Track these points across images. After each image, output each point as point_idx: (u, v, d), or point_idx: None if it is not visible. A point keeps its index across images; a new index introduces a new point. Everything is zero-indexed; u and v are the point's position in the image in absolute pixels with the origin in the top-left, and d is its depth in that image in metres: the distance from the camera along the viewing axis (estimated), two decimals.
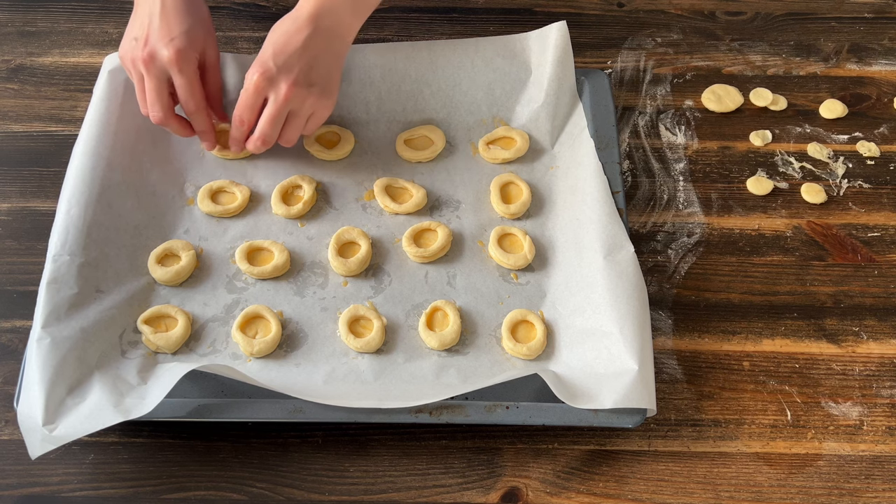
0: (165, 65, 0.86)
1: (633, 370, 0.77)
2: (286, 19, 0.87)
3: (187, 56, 0.86)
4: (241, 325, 0.84)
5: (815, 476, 0.79)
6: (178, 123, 0.90)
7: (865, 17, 1.15)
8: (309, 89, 0.87)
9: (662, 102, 1.06)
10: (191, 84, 0.87)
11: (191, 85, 0.87)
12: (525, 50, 0.99)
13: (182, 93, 0.87)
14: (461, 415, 0.77)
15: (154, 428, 0.80)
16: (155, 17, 0.86)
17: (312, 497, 0.77)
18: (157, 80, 0.87)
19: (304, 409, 0.77)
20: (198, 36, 0.88)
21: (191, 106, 0.88)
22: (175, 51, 0.85)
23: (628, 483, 0.78)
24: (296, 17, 0.87)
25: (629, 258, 0.85)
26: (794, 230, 0.95)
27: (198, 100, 0.88)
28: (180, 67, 0.85)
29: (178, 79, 0.86)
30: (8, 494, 0.77)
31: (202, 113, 0.89)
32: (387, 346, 0.84)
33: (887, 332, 0.88)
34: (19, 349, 0.85)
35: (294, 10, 0.87)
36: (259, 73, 0.85)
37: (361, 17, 0.91)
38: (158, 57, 0.85)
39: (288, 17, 0.88)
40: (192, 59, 0.87)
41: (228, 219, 0.93)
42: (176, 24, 0.86)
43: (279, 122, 0.88)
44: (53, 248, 0.83)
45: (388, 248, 0.91)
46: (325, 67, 0.88)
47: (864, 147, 1.02)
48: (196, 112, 0.89)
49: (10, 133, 1.01)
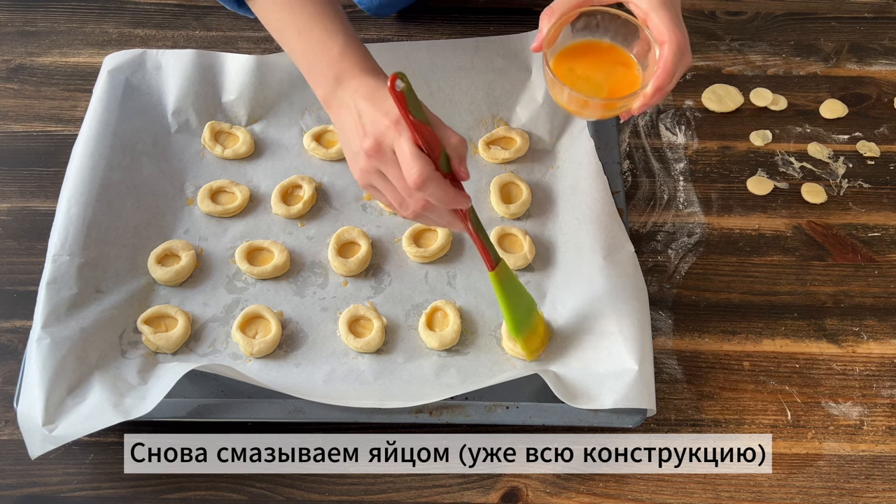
0: (391, 141, 0.71)
1: (633, 370, 0.77)
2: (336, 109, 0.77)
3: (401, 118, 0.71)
4: (241, 325, 0.84)
5: (816, 476, 0.79)
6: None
7: (865, 17, 1.15)
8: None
9: (662, 102, 1.06)
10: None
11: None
12: (525, 50, 0.99)
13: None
14: (461, 415, 0.77)
15: (154, 428, 0.80)
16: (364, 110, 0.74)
17: (312, 497, 0.77)
18: (393, 164, 0.72)
19: (304, 409, 0.77)
20: None
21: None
22: (394, 117, 0.71)
23: (628, 483, 0.78)
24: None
25: (629, 258, 0.85)
26: (794, 230, 0.95)
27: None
28: (400, 130, 0.70)
29: (403, 144, 0.70)
30: (8, 494, 0.77)
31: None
32: (387, 346, 0.84)
33: (887, 332, 0.88)
34: (19, 349, 0.84)
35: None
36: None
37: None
38: (384, 137, 0.72)
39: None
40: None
41: (228, 219, 0.93)
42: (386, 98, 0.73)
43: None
44: (53, 248, 0.83)
45: (388, 248, 0.91)
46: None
47: (865, 147, 1.02)
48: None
49: (10, 133, 1.01)
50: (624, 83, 0.76)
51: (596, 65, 0.77)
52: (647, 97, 0.73)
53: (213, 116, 0.98)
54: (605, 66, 0.77)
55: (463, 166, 0.72)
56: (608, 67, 0.77)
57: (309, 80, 0.80)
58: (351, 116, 0.74)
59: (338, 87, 0.76)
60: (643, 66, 0.76)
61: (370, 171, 0.74)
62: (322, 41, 0.78)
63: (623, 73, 0.77)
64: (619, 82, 0.76)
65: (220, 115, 0.99)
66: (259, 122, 0.99)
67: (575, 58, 0.77)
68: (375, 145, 0.71)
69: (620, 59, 0.77)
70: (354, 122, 0.74)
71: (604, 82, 0.77)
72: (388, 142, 0.71)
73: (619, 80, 0.76)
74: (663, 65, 0.72)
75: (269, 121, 0.99)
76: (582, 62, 0.77)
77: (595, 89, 0.76)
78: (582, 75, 0.76)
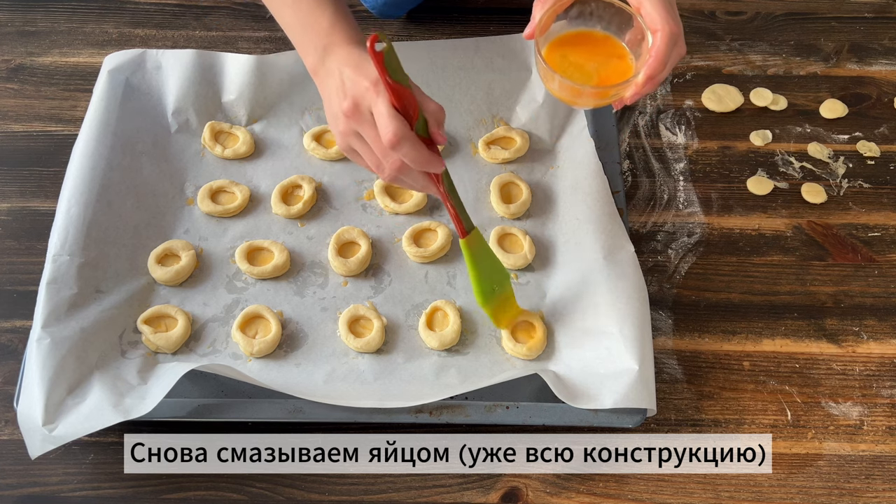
0: (369, 102, 0.72)
1: (633, 370, 0.77)
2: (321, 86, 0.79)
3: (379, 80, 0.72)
4: (241, 325, 0.84)
5: (816, 476, 0.79)
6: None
7: (865, 17, 1.15)
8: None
9: (662, 102, 1.06)
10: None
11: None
12: (525, 50, 0.99)
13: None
14: (461, 415, 0.77)
15: (154, 428, 0.80)
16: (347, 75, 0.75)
17: (312, 497, 0.77)
18: (370, 125, 0.73)
19: (304, 409, 0.77)
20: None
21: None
22: (373, 80, 0.72)
23: (628, 483, 0.78)
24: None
25: (629, 258, 0.85)
26: (794, 230, 0.95)
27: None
28: (377, 92, 0.71)
29: (380, 105, 0.71)
30: (8, 494, 0.77)
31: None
32: (387, 346, 0.84)
33: (887, 332, 0.88)
34: (19, 349, 0.84)
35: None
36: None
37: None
38: (362, 99, 0.73)
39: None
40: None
41: (228, 219, 0.92)
42: (369, 66, 0.74)
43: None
44: (53, 247, 0.83)
45: (388, 248, 0.91)
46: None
47: (865, 147, 1.02)
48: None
49: (10, 133, 1.01)
50: (616, 73, 0.76)
51: (589, 54, 0.77)
52: (639, 86, 0.73)
53: (213, 116, 0.98)
54: (597, 56, 0.77)
55: (440, 130, 0.74)
56: (601, 57, 0.77)
57: (299, 50, 0.81)
58: (334, 82, 0.76)
59: (326, 57, 0.77)
60: (636, 54, 0.76)
61: (348, 133, 0.75)
62: (313, 13, 0.79)
63: (616, 63, 0.76)
64: (612, 72, 0.76)
65: (220, 115, 0.99)
66: (259, 122, 0.99)
67: (568, 46, 0.77)
68: (353, 106, 0.73)
69: (613, 50, 0.77)
70: (337, 87, 0.75)
71: (595, 71, 0.77)
72: (366, 103, 0.72)
73: (612, 69, 0.76)
74: (655, 53, 0.72)
75: (269, 121, 0.99)
76: (575, 51, 0.77)
77: (586, 78, 0.76)
78: (574, 63, 0.76)
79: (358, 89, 0.73)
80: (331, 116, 0.77)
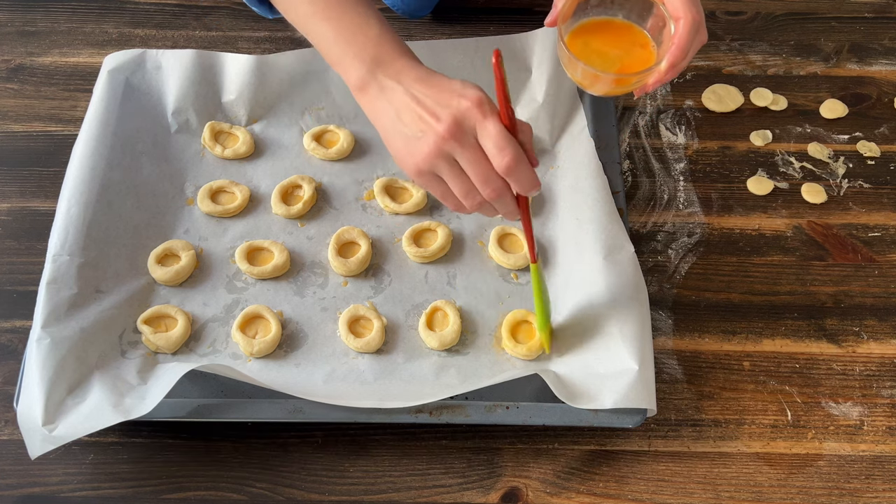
0: (474, 123, 0.67)
1: (633, 370, 0.77)
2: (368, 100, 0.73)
3: (485, 99, 0.68)
4: (241, 325, 0.84)
5: (816, 476, 0.79)
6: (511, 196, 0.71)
7: (865, 17, 1.15)
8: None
9: (663, 102, 1.06)
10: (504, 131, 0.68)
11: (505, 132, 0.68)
12: (525, 50, 0.99)
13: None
14: (461, 415, 0.77)
15: (154, 428, 0.80)
16: (420, 93, 0.69)
17: (312, 497, 0.77)
18: (472, 148, 0.68)
19: (304, 409, 0.77)
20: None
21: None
22: (475, 99, 0.67)
23: (628, 483, 0.78)
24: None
25: (629, 258, 0.85)
26: (794, 230, 0.95)
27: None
28: (485, 112, 0.67)
29: (493, 126, 0.67)
30: (8, 494, 0.77)
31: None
32: (387, 346, 0.84)
33: (887, 332, 0.88)
34: (19, 349, 0.84)
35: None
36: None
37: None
38: (464, 119, 0.67)
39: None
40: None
41: (228, 219, 0.92)
42: (445, 81, 0.70)
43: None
44: (53, 247, 0.83)
45: (388, 248, 0.91)
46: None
47: (865, 147, 1.02)
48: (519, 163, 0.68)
49: (10, 133, 1.01)
50: (638, 60, 0.76)
51: (611, 42, 0.77)
52: (662, 73, 0.73)
53: (213, 116, 0.98)
54: (620, 44, 0.77)
55: (533, 152, 0.70)
56: (623, 45, 0.77)
57: (339, 65, 0.74)
58: (401, 100, 0.70)
59: (377, 69, 0.72)
60: (658, 42, 0.76)
61: (438, 156, 0.68)
62: (357, 24, 0.74)
63: (638, 51, 0.76)
64: (634, 59, 0.76)
65: (220, 115, 0.99)
66: (259, 122, 0.99)
67: (590, 34, 0.77)
68: (455, 127, 0.66)
69: (635, 38, 0.77)
70: (408, 105, 0.69)
71: (618, 59, 0.76)
72: (471, 123, 0.67)
73: (634, 57, 0.76)
74: (678, 41, 0.71)
75: (269, 121, 0.99)
76: (597, 38, 0.77)
77: (609, 65, 0.76)
78: (596, 50, 0.76)
79: (458, 109, 0.67)
80: (402, 140, 0.70)
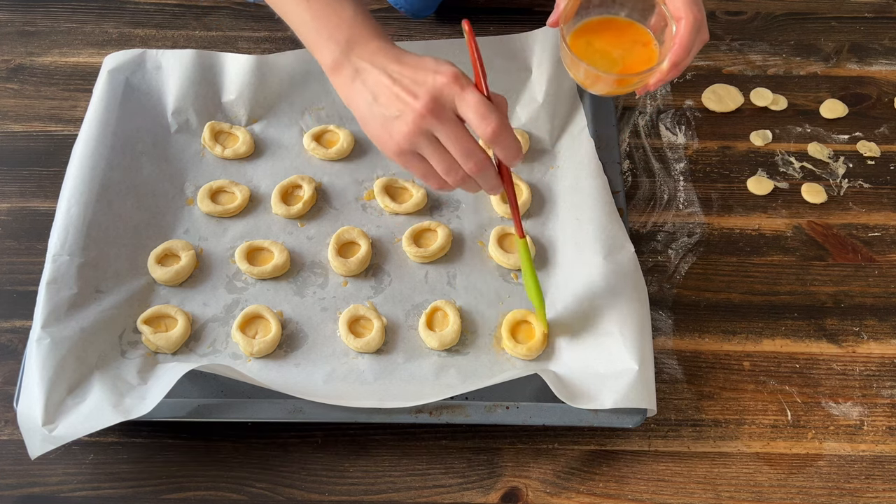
0: (452, 97, 0.67)
1: (633, 370, 0.77)
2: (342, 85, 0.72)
3: (460, 73, 0.68)
4: (241, 325, 0.84)
5: (816, 476, 0.79)
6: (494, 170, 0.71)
7: (865, 17, 1.15)
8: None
9: (663, 102, 1.06)
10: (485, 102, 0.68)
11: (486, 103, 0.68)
12: (525, 50, 0.99)
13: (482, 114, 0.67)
14: (461, 415, 0.77)
15: (154, 428, 0.80)
16: (396, 73, 0.69)
17: (312, 497, 0.77)
18: (452, 122, 0.68)
19: (304, 409, 0.77)
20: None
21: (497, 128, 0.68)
22: (450, 75, 0.67)
23: (628, 483, 0.78)
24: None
25: (629, 258, 0.85)
26: (794, 230, 0.95)
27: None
28: (462, 84, 0.67)
29: (472, 96, 0.67)
30: (8, 494, 0.77)
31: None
32: (387, 346, 0.84)
33: (887, 332, 0.88)
34: (19, 349, 0.84)
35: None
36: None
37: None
38: (441, 94, 0.67)
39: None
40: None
41: (228, 219, 0.92)
42: (419, 59, 0.69)
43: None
44: (53, 247, 0.83)
45: (388, 248, 0.91)
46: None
47: (865, 147, 1.02)
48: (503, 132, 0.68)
49: (10, 133, 1.01)
50: (641, 60, 0.76)
51: (613, 41, 0.77)
52: (664, 73, 0.73)
53: (213, 116, 0.98)
54: (622, 43, 0.77)
55: (510, 126, 0.69)
56: (625, 44, 0.77)
57: (313, 47, 0.74)
58: (377, 80, 0.69)
59: (350, 51, 0.71)
60: (659, 41, 0.76)
61: (418, 134, 0.67)
62: (332, 6, 0.73)
63: (640, 50, 0.77)
64: (636, 59, 0.76)
65: (220, 115, 0.99)
66: (259, 122, 0.99)
67: (592, 34, 0.77)
68: (433, 103, 0.66)
69: (638, 37, 0.77)
70: (385, 85, 0.68)
71: (620, 58, 0.77)
72: (449, 98, 0.66)
73: (636, 56, 0.77)
74: (679, 41, 0.72)
75: (269, 121, 0.99)
76: (599, 38, 0.77)
77: (611, 65, 0.76)
78: (599, 50, 0.76)
79: (434, 85, 0.66)
80: (381, 121, 0.69)
